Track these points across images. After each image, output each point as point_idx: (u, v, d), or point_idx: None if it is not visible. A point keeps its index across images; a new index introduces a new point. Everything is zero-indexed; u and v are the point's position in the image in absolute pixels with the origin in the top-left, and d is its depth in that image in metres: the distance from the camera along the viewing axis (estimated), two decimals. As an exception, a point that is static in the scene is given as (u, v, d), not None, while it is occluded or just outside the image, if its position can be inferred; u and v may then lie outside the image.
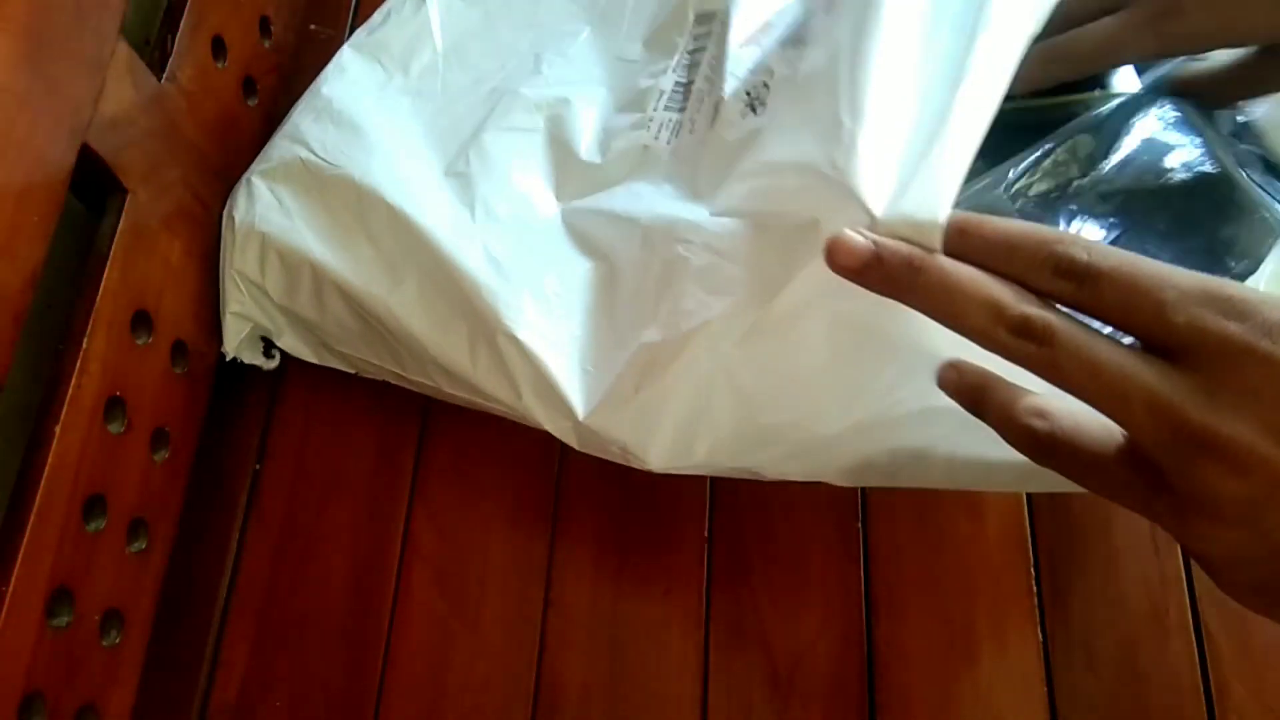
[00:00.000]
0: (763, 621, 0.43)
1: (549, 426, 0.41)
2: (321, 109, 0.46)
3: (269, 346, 0.48)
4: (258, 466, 0.47)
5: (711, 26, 0.44)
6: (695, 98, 0.43)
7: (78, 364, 0.36)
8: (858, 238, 0.28)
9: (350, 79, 0.47)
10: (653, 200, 0.40)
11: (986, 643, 0.43)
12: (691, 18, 0.45)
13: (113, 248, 0.38)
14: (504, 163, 0.44)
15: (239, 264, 0.45)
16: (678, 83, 0.44)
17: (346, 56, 0.48)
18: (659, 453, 0.39)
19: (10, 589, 0.33)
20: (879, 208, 0.30)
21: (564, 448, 0.42)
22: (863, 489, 0.45)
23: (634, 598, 0.44)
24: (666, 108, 0.43)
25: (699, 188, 0.40)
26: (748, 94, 0.40)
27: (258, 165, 0.46)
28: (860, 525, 0.45)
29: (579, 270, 0.41)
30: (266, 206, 0.44)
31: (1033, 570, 0.43)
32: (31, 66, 0.33)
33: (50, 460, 0.35)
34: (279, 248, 0.44)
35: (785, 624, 0.43)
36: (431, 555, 0.45)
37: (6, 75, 0.32)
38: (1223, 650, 0.42)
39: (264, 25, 0.52)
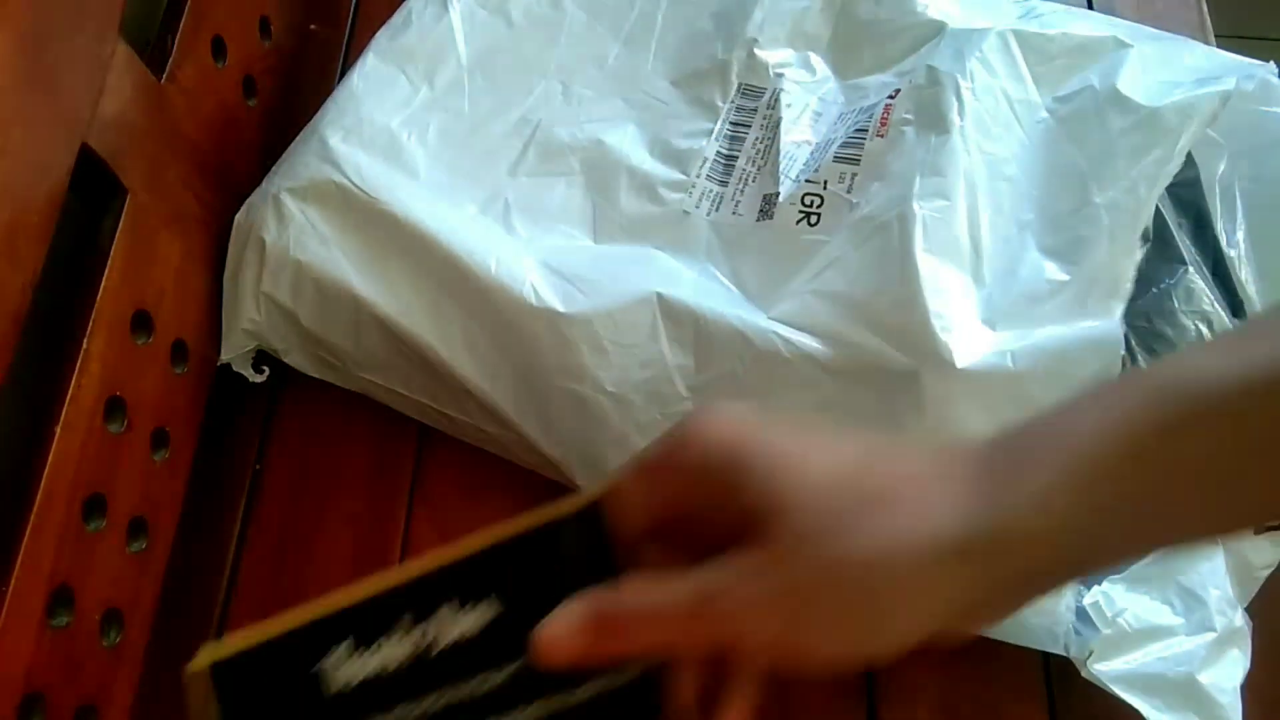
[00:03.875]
0: (763, 621, 0.43)
1: (580, 480, 0.42)
2: (351, 128, 0.45)
3: (259, 361, 0.47)
4: (258, 466, 0.47)
5: (758, 105, 0.45)
6: (739, 176, 0.43)
7: (78, 364, 0.36)
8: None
9: (377, 89, 0.47)
10: (701, 284, 0.41)
11: (986, 643, 0.42)
12: (736, 85, 0.45)
13: (113, 248, 0.38)
14: (542, 209, 0.44)
15: (269, 287, 0.44)
16: (720, 153, 0.44)
17: (371, 64, 0.47)
18: None
19: (10, 589, 0.33)
20: (963, 362, 0.34)
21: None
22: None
23: (634, 598, 0.44)
24: (709, 177, 0.44)
25: (746, 282, 0.41)
26: (804, 201, 0.41)
27: (284, 181, 0.44)
28: (860, 525, 0.45)
29: (642, 323, 0.41)
30: (301, 230, 0.43)
31: (1033, 570, 0.43)
32: (31, 66, 0.33)
33: (50, 460, 0.35)
34: (318, 278, 0.43)
35: (785, 624, 0.43)
36: (431, 555, 0.45)
37: (6, 75, 0.32)
38: (1222, 650, 0.42)
39: (264, 25, 0.52)
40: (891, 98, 0.42)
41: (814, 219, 0.41)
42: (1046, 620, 0.36)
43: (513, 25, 0.49)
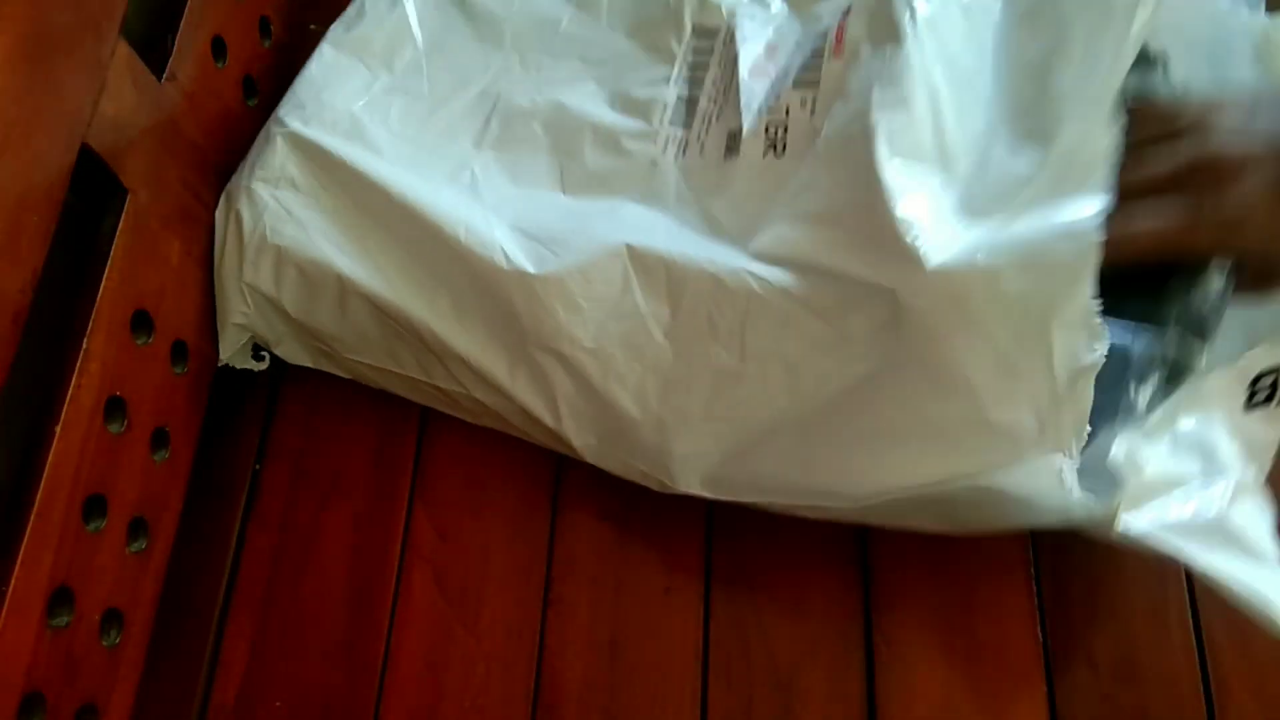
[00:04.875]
0: (763, 621, 0.43)
1: (577, 442, 0.42)
2: (313, 114, 0.45)
3: (257, 349, 0.47)
4: (258, 466, 0.47)
5: (714, 43, 0.44)
6: (701, 117, 0.43)
7: (78, 364, 0.36)
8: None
9: (336, 78, 0.47)
10: (673, 230, 0.41)
11: (986, 643, 0.42)
12: (689, 28, 0.45)
13: (113, 248, 0.38)
14: (508, 176, 0.44)
15: (250, 277, 0.44)
16: (680, 97, 0.44)
17: (328, 54, 0.48)
18: (694, 478, 0.40)
19: (10, 589, 0.33)
20: (934, 261, 0.33)
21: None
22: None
23: (634, 598, 0.44)
24: (671, 122, 0.44)
25: (721, 222, 0.41)
26: (767, 132, 0.41)
27: (255, 172, 0.45)
28: (860, 525, 0.45)
29: (614, 276, 0.41)
30: (276, 217, 0.43)
31: (1033, 570, 0.43)
32: (31, 66, 0.33)
33: (50, 460, 0.35)
34: (298, 261, 0.43)
35: (785, 624, 0.43)
36: (431, 555, 0.45)
37: (6, 75, 0.32)
38: (1223, 650, 0.42)
39: (264, 25, 0.52)
40: (845, 15, 0.41)
41: (780, 148, 0.40)
42: (1055, 492, 0.34)
43: (465, 5, 0.49)
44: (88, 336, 0.37)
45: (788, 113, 0.41)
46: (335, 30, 0.49)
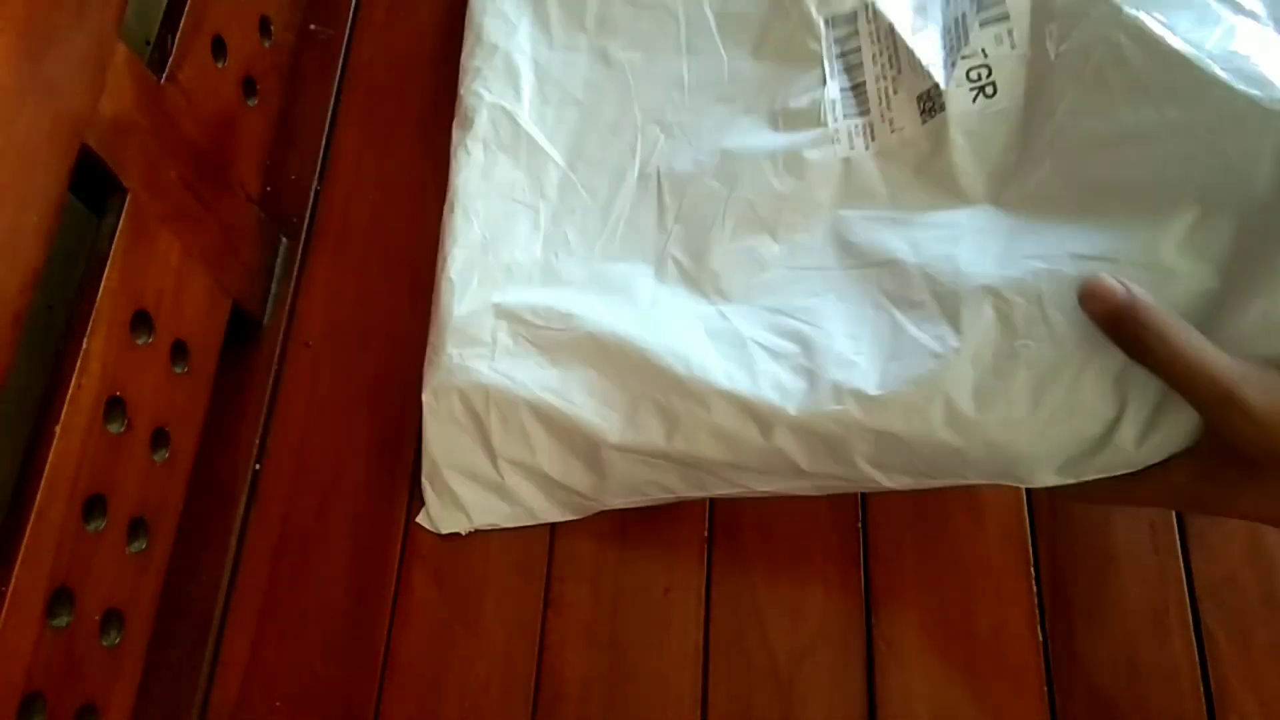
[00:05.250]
0: (763, 621, 0.43)
1: (890, 484, 0.38)
2: (500, 276, 0.44)
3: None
4: (258, 466, 0.47)
5: (855, 26, 0.42)
6: (876, 97, 0.41)
7: (78, 364, 0.36)
8: (1115, 285, 0.31)
9: (503, 231, 0.45)
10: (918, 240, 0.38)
11: (986, 643, 0.42)
12: (820, 21, 0.43)
13: (113, 248, 0.38)
14: (709, 244, 0.42)
15: (505, 449, 0.42)
16: (842, 89, 0.42)
17: (480, 211, 0.46)
18: (1048, 471, 0.35)
19: (10, 589, 0.33)
20: None
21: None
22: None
23: (634, 597, 0.44)
24: (846, 115, 0.41)
25: (965, 185, 0.38)
26: (970, 77, 0.38)
27: (466, 350, 0.43)
28: (860, 525, 0.45)
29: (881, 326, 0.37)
30: (508, 387, 0.42)
31: (1033, 570, 0.43)
32: (31, 66, 0.33)
33: (50, 460, 0.35)
34: (548, 421, 0.41)
35: (785, 624, 0.43)
36: (431, 555, 0.45)
37: (6, 75, 0.32)
38: (1223, 650, 0.42)
39: (264, 25, 0.52)
40: None
41: (990, 89, 0.37)
42: None
43: (581, 104, 0.48)
44: (88, 336, 0.37)
45: (985, 54, 0.38)
46: (469, 184, 0.46)
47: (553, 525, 0.45)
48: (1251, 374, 0.29)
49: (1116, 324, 0.31)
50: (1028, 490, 0.45)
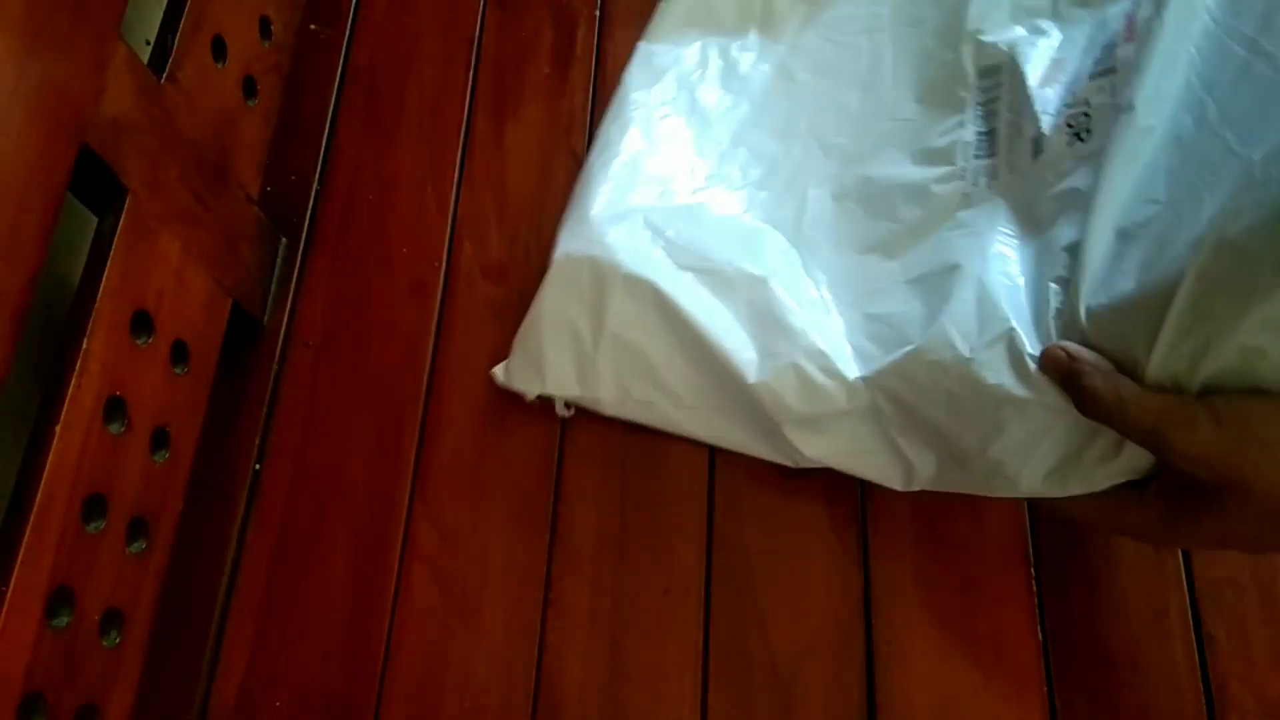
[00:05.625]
0: (763, 621, 0.43)
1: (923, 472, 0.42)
2: (658, 197, 0.48)
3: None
4: (258, 466, 0.47)
5: (999, 78, 0.45)
6: (1004, 141, 0.44)
7: (78, 364, 0.36)
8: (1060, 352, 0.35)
9: (667, 166, 0.49)
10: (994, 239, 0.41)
11: (986, 643, 0.43)
12: (973, 72, 0.46)
13: (113, 248, 0.38)
14: (837, 254, 0.46)
15: (617, 324, 0.45)
16: (979, 132, 0.45)
17: (645, 138, 0.50)
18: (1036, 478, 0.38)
19: (10, 589, 0.33)
20: None
21: (563, 448, 0.42)
22: (862, 489, 0.45)
23: (634, 598, 0.44)
24: (976, 156, 0.44)
25: (1037, 214, 0.40)
26: (1069, 125, 0.41)
27: (611, 229, 0.46)
28: (860, 525, 0.45)
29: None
30: (653, 275, 0.45)
31: (1033, 570, 0.43)
32: (31, 67, 0.33)
33: (50, 460, 0.35)
34: (685, 330, 0.44)
35: (785, 624, 0.43)
36: (431, 555, 0.45)
37: (6, 75, 0.32)
38: (1223, 650, 0.42)
39: (264, 25, 0.52)
40: (1135, 6, 0.40)
41: (1085, 133, 0.40)
42: None
43: (755, 103, 0.52)
44: (88, 336, 0.37)
45: (1088, 103, 0.40)
46: (641, 122, 0.50)
47: (552, 525, 0.45)
48: (1177, 412, 0.32)
49: (1065, 383, 0.35)
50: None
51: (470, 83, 0.55)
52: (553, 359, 0.45)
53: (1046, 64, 0.44)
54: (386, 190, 0.53)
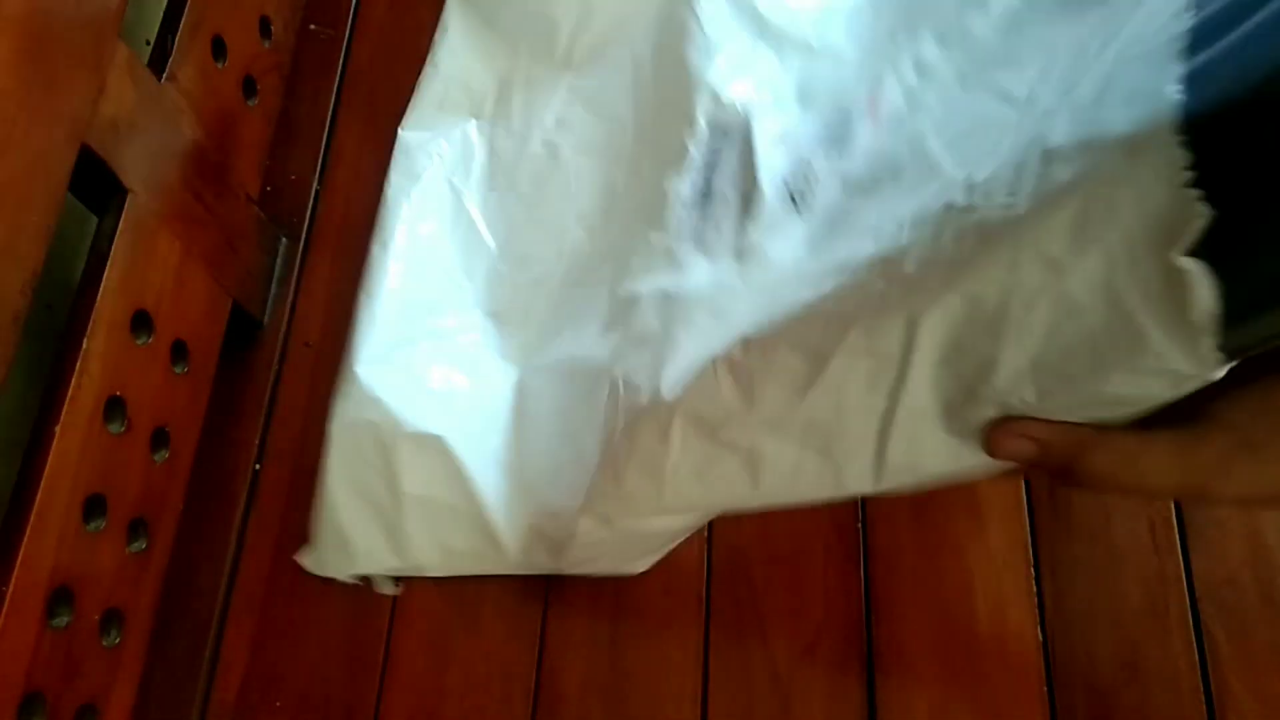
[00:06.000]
0: (763, 621, 0.43)
1: None
2: (426, 329, 0.46)
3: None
4: (258, 466, 0.47)
5: (730, 137, 0.44)
6: (718, 199, 0.42)
7: (78, 364, 0.36)
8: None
9: (435, 295, 0.47)
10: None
11: (986, 643, 0.42)
12: (704, 129, 0.44)
13: (113, 248, 0.38)
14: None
15: (412, 485, 0.43)
16: (696, 189, 0.43)
17: (407, 262, 0.47)
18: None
19: (10, 589, 0.33)
20: None
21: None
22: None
23: (634, 598, 0.44)
24: (688, 213, 0.43)
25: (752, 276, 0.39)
26: (789, 183, 0.40)
27: (383, 381, 0.44)
28: (860, 525, 0.45)
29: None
30: (433, 425, 0.43)
31: (1033, 570, 0.43)
32: (31, 67, 0.33)
33: (50, 460, 0.35)
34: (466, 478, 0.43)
35: (785, 624, 0.43)
36: (431, 555, 0.45)
37: (6, 75, 0.32)
38: (1223, 650, 0.42)
39: (264, 25, 0.52)
40: (878, 88, 0.39)
41: (800, 200, 0.39)
42: None
43: (524, 198, 0.49)
44: (88, 336, 0.37)
45: (809, 166, 0.40)
46: (400, 235, 0.48)
47: (553, 525, 0.45)
48: (1202, 455, 0.27)
49: (1056, 474, 0.30)
50: (1028, 490, 0.45)
51: (470, 83, 0.55)
52: (358, 536, 0.43)
53: (776, 129, 0.43)
54: (386, 190, 0.53)
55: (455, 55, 0.51)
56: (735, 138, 0.44)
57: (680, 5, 0.48)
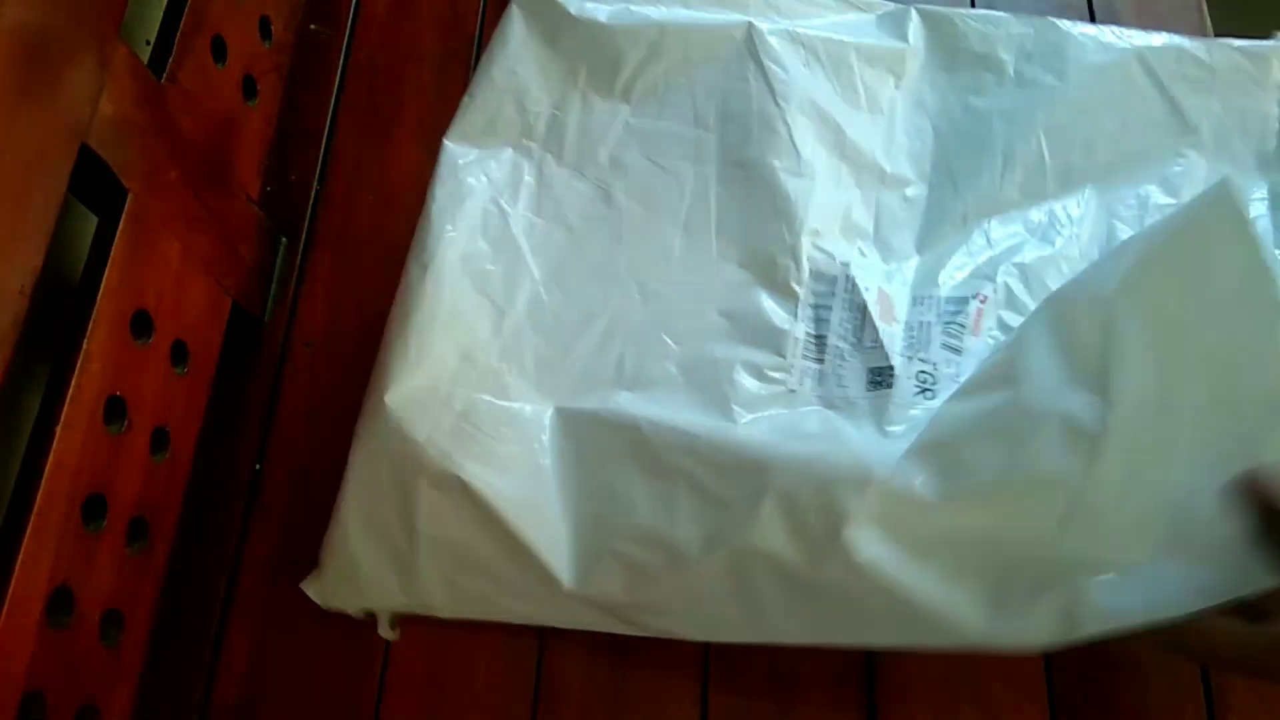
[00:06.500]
0: (763, 621, 0.43)
1: None
2: (458, 364, 0.43)
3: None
4: (258, 466, 0.47)
5: (834, 289, 0.45)
6: (833, 352, 0.44)
7: (78, 364, 0.36)
8: None
9: (466, 314, 0.45)
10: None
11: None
12: (808, 271, 0.45)
13: (113, 248, 0.38)
14: (659, 420, 0.42)
15: (430, 526, 0.41)
16: (809, 334, 0.44)
17: (450, 277, 0.45)
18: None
19: (10, 589, 0.33)
20: None
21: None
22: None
23: (634, 598, 0.44)
24: (804, 356, 0.44)
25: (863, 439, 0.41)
26: (919, 378, 0.42)
27: (409, 417, 0.41)
28: (860, 525, 0.45)
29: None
30: (458, 467, 0.41)
31: (1033, 570, 0.43)
32: (31, 67, 0.33)
33: (50, 460, 0.35)
34: (497, 523, 0.41)
35: (785, 624, 0.43)
36: (431, 555, 0.45)
37: (6, 76, 0.32)
38: (1223, 650, 0.42)
39: (264, 25, 0.52)
40: (980, 301, 0.44)
41: (930, 394, 0.42)
42: None
43: (572, 230, 0.47)
44: (88, 336, 0.37)
45: (936, 368, 0.42)
46: (446, 260, 0.45)
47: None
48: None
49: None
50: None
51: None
52: (369, 570, 0.41)
53: (876, 296, 0.45)
54: (386, 190, 0.53)
55: (512, 72, 0.50)
56: (840, 291, 0.45)
57: (748, 64, 0.49)
